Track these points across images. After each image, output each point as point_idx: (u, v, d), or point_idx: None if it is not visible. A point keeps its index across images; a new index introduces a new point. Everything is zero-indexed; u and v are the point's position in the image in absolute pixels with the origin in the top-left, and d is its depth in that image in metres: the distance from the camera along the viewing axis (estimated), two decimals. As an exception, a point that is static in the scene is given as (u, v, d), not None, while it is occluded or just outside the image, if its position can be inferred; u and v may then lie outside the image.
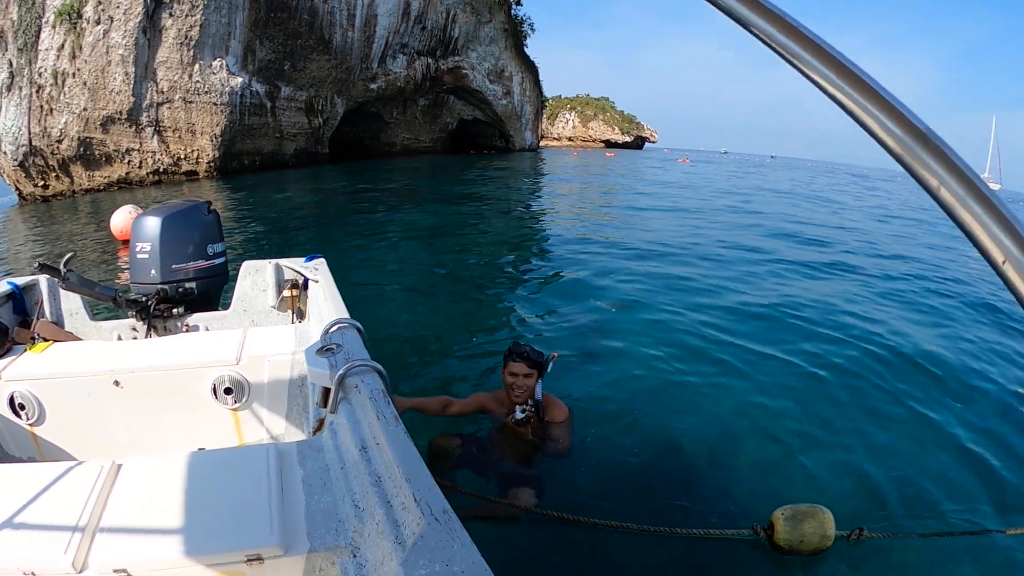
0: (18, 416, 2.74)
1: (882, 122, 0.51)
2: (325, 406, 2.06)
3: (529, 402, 3.52)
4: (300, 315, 3.71)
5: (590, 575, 3.11)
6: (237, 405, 2.91)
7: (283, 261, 3.82)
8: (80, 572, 1.46)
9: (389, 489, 1.50)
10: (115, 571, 1.46)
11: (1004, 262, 0.46)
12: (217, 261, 3.79)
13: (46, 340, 3.12)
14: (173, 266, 3.56)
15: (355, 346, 2.21)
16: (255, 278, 3.84)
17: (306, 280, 3.60)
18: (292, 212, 16.00)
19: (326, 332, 2.37)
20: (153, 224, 3.53)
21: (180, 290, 3.59)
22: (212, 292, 3.88)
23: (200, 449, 2.05)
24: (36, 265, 3.20)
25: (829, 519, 3.07)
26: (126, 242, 10.74)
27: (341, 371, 1.96)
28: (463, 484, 3.37)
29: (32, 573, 1.45)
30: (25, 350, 2.95)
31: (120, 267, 9.50)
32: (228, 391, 2.86)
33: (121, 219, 11.03)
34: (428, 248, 11.10)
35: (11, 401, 2.71)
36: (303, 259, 3.75)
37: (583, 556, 3.16)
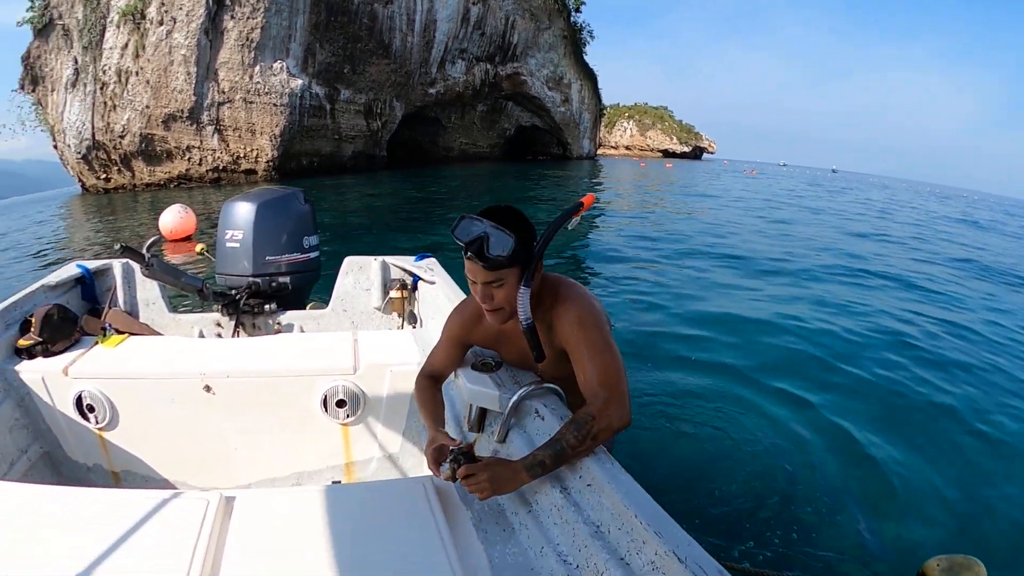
0: (86, 418, 2.37)
1: None
2: (479, 430, 1.79)
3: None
4: (411, 319, 3.26)
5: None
6: (350, 420, 2.51)
7: (390, 259, 3.38)
8: None
9: (620, 542, 1.20)
10: None
11: None
12: (312, 255, 3.41)
13: (119, 332, 2.75)
14: (267, 257, 3.18)
15: None
16: (358, 275, 3.40)
17: (415, 281, 3.17)
18: (353, 214, 15.93)
19: None
20: (247, 210, 3.15)
21: (273, 284, 3.21)
22: (304, 289, 3.50)
23: (335, 482, 1.65)
24: (118, 247, 2.77)
25: (983, 573, 2.60)
26: (175, 241, 10.80)
27: (521, 392, 1.63)
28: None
29: None
30: (96, 343, 2.59)
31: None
32: (341, 403, 2.47)
33: (170, 218, 11.14)
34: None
35: (79, 401, 2.34)
36: (413, 257, 3.33)
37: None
